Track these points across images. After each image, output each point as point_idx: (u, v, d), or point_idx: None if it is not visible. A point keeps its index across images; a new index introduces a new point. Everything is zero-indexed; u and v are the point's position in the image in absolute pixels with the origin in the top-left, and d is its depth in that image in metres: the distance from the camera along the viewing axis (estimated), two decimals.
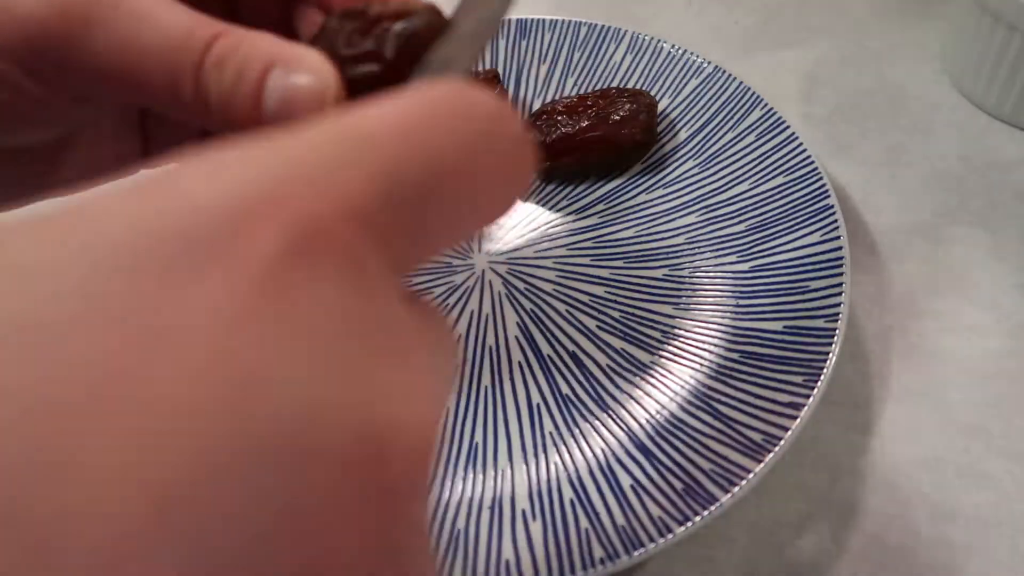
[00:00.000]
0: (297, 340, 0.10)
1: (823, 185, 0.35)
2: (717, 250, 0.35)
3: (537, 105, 0.42)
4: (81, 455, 0.08)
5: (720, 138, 0.39)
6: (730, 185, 0.37)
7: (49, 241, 0.10)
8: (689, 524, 0.27)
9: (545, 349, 0.34)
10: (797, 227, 0.34)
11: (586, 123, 0.38)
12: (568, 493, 0.29)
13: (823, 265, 0.33)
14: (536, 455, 0.31)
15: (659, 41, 0.42)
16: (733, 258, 0.35)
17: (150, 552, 0.08)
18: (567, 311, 0.35)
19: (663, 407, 0.31)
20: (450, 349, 0.14)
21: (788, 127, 0.37)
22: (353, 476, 0.10)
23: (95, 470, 0.08)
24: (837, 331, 0.30)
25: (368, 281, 0.11)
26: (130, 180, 0.11)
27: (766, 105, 0.39)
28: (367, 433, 0.10)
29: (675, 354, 0.33)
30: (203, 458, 0.09)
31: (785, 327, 0.32)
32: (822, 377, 0.29)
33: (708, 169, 0.38)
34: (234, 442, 0.09)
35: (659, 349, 0.33)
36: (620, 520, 0.28)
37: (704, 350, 0.32)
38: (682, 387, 0.32)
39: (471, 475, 0.31)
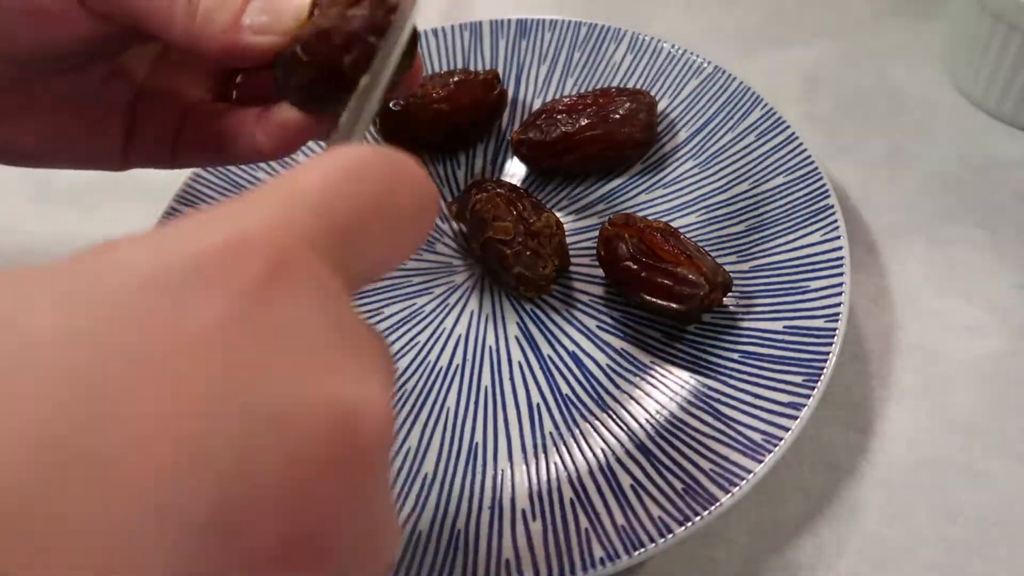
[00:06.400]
0: (281, 340, 0.14)
1: (823, 185, 0.35)
2: (717, 250, 0.35)
3: (537, 105, 0.42)
4: (122, 411, 0.12)
5: (720, 138, 0.39)
6: (730, 185, 0.37)
7: (86, 275, 0.13)
8: (689, 524, 0.27)
9: (545, 349, 0.34)
10: (797, 227, 0.34)
11: (586, 122, 0.38)
12: (568, 493, 0.29)
13: (823, 265, 0.33)
14: (536, 455, 0.31)
15: (659, 41, 0.42)
16: (733, 258, 0.35)
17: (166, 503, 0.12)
18: (567, 311, 0.35)
19: (663, 407, 0.31)
20: (388, 353, 0.18)
21: (788, 127, 0.37)
22: (333, 443, 0.14)
23: (135, 425, 0.12)
24: (837, 331, 0.30)
25: (330, 295, 0.15)
26: (132, 235, 0.14)
27: (766, 105, 0.39)
28: (341, 410, 0.14)
29: (675, 354, 0.33)
30: (211, 427, 0.12)
31: (785, 327, 0.32)
32: (822, 377, 0.29)
33: (708, 169, 0.38)
34: (234, 418, 0.13)
35: (659, 349, 0.33)
36: (620, 520, 0.28)
37: (704, 350, 0.32)
38: (682, 387, 0.32)
39: (471, 475, 0.31)
